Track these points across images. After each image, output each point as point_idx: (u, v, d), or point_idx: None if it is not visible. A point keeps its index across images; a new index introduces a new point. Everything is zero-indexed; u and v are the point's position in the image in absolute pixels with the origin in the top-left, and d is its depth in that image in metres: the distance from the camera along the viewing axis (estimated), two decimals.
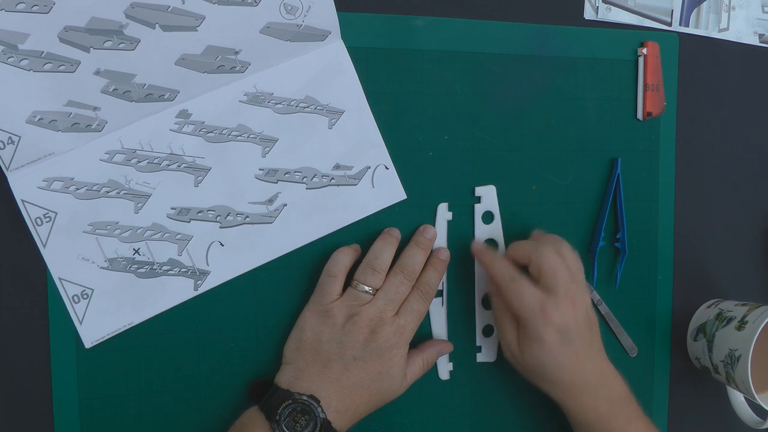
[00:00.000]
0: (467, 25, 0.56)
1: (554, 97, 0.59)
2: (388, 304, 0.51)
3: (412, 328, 0.52)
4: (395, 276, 0.52)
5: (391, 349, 0.50)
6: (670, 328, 0.65)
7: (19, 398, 0.49)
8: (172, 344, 0.52)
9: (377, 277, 0.52)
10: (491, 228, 0.58)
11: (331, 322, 0.50)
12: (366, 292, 0.51)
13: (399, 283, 0.52)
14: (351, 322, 0.49)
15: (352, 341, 0.49)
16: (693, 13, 0.63)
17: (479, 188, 0.57)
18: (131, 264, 0.50)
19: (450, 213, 0.57)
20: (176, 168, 0.50)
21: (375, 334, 0.50)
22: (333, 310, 0.50)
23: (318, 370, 0.49)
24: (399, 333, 0.50)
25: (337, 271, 0.52)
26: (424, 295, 0.53)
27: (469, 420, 0.59)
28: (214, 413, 0.53)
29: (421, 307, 0.52)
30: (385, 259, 0.53)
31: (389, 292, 0.51)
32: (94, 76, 0.48)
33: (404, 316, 0.51)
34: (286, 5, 0.50)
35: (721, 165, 0.66)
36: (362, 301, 0.51)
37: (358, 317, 0.50)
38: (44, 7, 0.45)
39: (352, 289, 0.51)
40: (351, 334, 0.49)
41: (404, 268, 0.53)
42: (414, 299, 0.52)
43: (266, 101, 0.52)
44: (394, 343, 0.50)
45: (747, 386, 0.57)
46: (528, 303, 0.51)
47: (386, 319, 0.50)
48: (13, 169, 0.47)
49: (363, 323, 0.50)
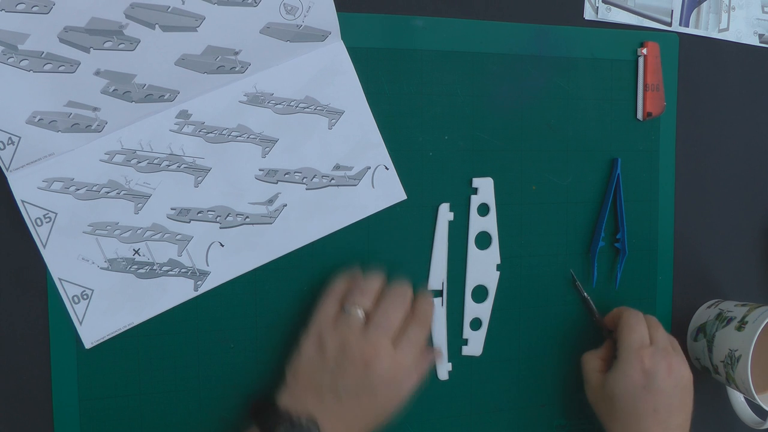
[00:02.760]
0: (467, 25, 0.56)
1: (554, 97, 0.59)
2: (381, 334, 0.48)
3: (411, 361, 0.49)
4: (386, 299, 0.50)
5: (388, 386, 0.47)
6: (670, 328, 0.65)
7: (19, 398, 0.49)
8: (172, 344, 0.52)
9: (366, 298, 0.49)
10: (486, 220, 0.58)
11: (323, 349, 0.48)
12: (356, 315, 0.48)
13: (390, 308, 0.49)
14: (342, 354, 0.47)
15: (344, 374, 0.47)
16: (693, 13, 0.63)
17: (477, 179, 0.57)
18: (131, 264, 0.50)
19: (451, 213, 0.57)
20: (176, 168, 0.50)
21: (369, 369, 0.47)
22: (324, 335, 0.48)
23: (313, 397, 0.47)
24: (397, 368, 0.48)
25: (335, 294, 0.51)
26: (421, 324, 0.50)
27: (468, 420, 0.59)
28: (214, 413, 0.53)
29: (419, 337, 0.50)
30: (374, 283, 0.51)
31: (380, 318, 0.48)
32: (94, 77, 0.48)
33: (402, 349, 0.48)
34: (286, 5, 0.50)
35: (721, 165, 0.66)
36: (353, 327, 0.48)
37: (350, 350, 0.47)
38: (44, 7, 0.45)
39: (342, 313, 0.49)
40: (342, 367, 0.47)
41: (395, 290, 0.51)
42: (411, 330, 0.50)
43: (266, 101, 0.52)
44: (392, 377, 0.47)
45: (747, 386, 0.57)
46: (635, 337, 0.55)
47: (381, 353, 0.47)
48: (13, 170, 0.47)
49: (355, 356, 0.47)
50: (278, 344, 0.53)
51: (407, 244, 0.56)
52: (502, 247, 0.58)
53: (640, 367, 0.53)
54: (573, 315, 0.61)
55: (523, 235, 0.59)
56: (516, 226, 0.59)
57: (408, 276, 0.56)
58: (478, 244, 0.58)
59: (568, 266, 0.61)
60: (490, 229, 0.58)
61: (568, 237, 0.60)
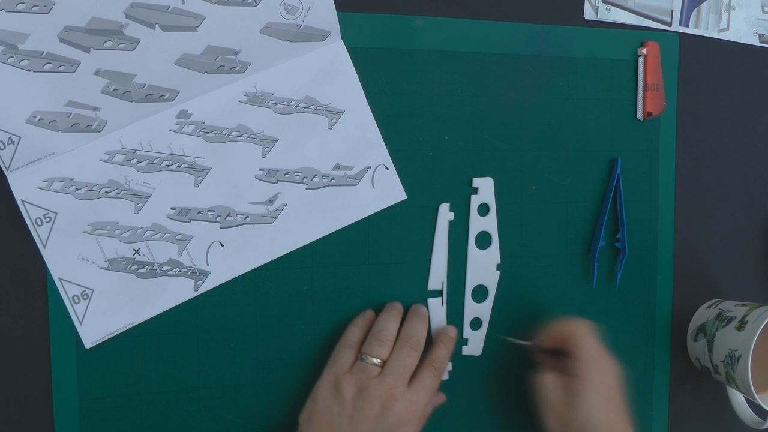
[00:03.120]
0: (467, 25, 0.56)
1: (554, 97, 0.59)
2: (398, 379, 0.50)
3: (424, 404, 0.51)
4: (402, 348, 0.51)
5: (402, 426, 0.49)
6: (670, 328, 0.65)
7: (19, 398, 0.49)
8: (172, 344, 0.52)
9: (384, 348, 0.51)
10: (486, 220, 0.58)
11: (341, 395, 0.49)
12: (374, 364, 0.50)
13: (407, 356, 0.51)
14: (361, 398, 0.49)
15: (363, 418, 0.48)
16: (693, 13, 0.63)
17: (477, 179, 0.57)
18: (131, 264, 0.50)
19: (452, 213, 0.57)
20: (176, 168, 0.50)
21: (387, 411, 0.49)
22: (342, 382, 0.50)
23: None
24: (412, 409, 0.50)
25: (351, 342, 0.52)
26: (436, 371, 0.52)
27: (468, 420, 0.59)
28: (214, 413, 0.53)
29: (434, 383, 0.52)
30: (390, 330, 0.52)
31: (397, 365, 0.50)
32: (94, 77, 0.48)
33: (417, 392, 0.50)
34: (286, 5, 0.50)
35: (721, 165, 0.66)
36: (370, 375, 0.50)
37: (368, 393, 0.49)
38: (44, 7, 0.45)
39: (360, 362, 0.51)
40: (361, 411, 0.48)
41: (410, 338, 0.52)
42: (426, 375, 0.52)
43: (266, 101, 0.52)
44: (407, 419, 0.49)
45: (747, 386, 0.57)
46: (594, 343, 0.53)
47: (398, 395, 0.49)
48: (13, 170, 0.47)
49: (373, 399, 0.49)
50: (278, 344, 0.53)
51: (407, 244, 0.56)
52: (502, 246, 0.58)
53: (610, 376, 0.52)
54: (573, 314, 0.61)
55: (523, 235, 0.59)
56: (516, 225, 0.59)
57: (408, 276, 0.56)
58: (478, 243, 0.58)
59: (568, 266, 0.61)
60: (490, 229, 0.58)
61: (568, 237, 0.60)
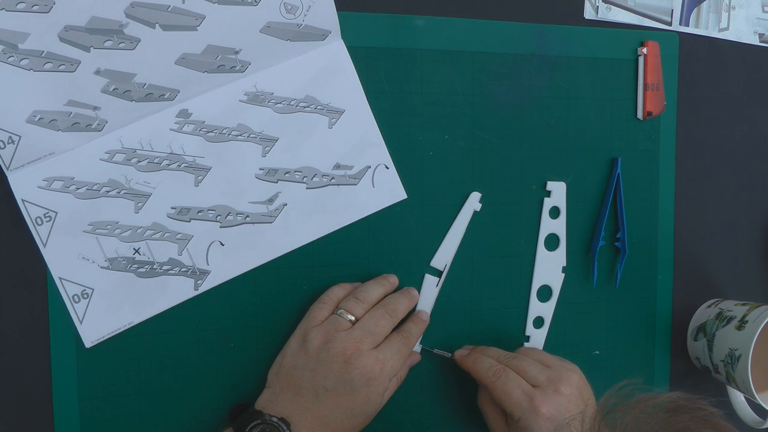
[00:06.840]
0: (467, 25, 0.56)
1: (554, 96, 0.59)
2: (366, 335, 0.49)
3: (392, 365, 0.49)
4: (377, 310, 0.51)
5: (367, 385, 0.48)
6: (670, 327, 0.65)
7: (19, 398, 0.49)
8: (172, 344, 0.51)
9: (360, 306, 0.51)
10: (556, 223, 0.59)
11: (306, 347, 0.49)
12: (346, 319, 0.50)
13: (380, 317, 0.50)
14: (325, 349, 0.48)
15: (325, 370, 0.48)
16: (693, 12, 0.63)
17: (551, 183, 0.59)
18: (131, 264, 0.50)
19: (480, 204, 0.57)
20: (176, 168, 0.50)
21: (349, 365, 0.47)
22: (310, 334, 0.49)
23: (291, 396, 0.48)
24: (378, 368, 0.48)
25: (328, 299, 0.52)
26: (405, 339, 0.51)
27: (468, 420, 0.59)
28: (214, 413, 0.53)
29: (403, 348, 0.51)
30: (372, 293, 0.52)
31: (368, 323, 0.50)
32: (94, 76, 0.47)
33: (384, 351, 0.49)
34: (286, 5, 0.50)
35: (721, 165, 0.66)
36: (339, 328, 0.49)
37: (333, 345, 0.48)
38: (44, 6, 0.45)
39: (334, 316, 0.50)
40: (324, 363, 0.48)
41: (387, 304, 0.52)
42: (395, 340, 0.51)
43: (266, 101, 0.52)
44: (371, 377, 0.48)
45: (747, 386, 0.57)
46: (516, 398, 0.49)
47: (363, 350, 0.48)
48: (13, 169, 0.47)
49: (337, 351, 0.48)
50: (278, 344, 0.53)
51: (407, 244, 0.56)
52: (502, 246, 0.58)
53: (543, 419, 0.48)
54: (571, 316, 0.61)
55: (523, 235, 0.59)
56: (516, 225, 0.59)
57: (408, 274, 0.56)
58: (547, 245, 0.59)
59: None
60: (559, 232, 0.60)
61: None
